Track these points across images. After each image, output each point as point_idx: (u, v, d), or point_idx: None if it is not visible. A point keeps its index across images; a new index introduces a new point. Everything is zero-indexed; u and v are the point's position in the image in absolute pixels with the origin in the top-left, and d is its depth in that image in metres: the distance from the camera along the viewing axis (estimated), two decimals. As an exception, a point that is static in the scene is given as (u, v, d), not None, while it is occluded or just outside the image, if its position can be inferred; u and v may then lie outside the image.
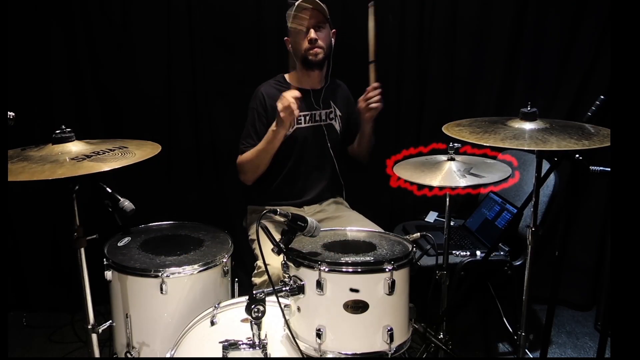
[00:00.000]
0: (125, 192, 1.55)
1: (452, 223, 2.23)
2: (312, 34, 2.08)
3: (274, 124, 2.04)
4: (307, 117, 2.21)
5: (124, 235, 2.01)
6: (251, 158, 2.13)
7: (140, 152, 1.56)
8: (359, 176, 2.45)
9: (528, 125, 1.57)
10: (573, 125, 1.58)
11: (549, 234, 2.47)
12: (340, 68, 2.32)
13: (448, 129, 1.65)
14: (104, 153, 1.52)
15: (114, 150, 1.56)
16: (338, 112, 2.30)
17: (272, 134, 2.05)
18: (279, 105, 1.96)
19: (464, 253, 2.19)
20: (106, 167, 1.42)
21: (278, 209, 1.45)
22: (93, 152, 1.51)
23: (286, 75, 2.26)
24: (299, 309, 1.48)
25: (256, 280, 1.95)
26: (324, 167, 2.29)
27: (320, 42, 2.11)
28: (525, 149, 1.46)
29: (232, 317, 1.60)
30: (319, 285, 1.42)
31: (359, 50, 2.58)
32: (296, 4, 2.07)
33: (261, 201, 2.28)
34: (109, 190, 1.53)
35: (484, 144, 1.49)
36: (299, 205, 2.26)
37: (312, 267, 1.43)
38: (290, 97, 1.94)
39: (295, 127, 2.18)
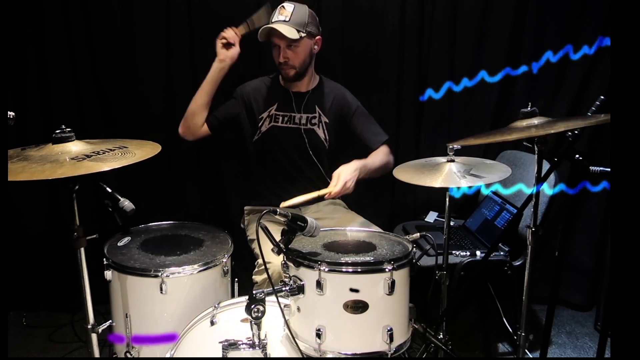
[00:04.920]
0: (125, 192, 1.55)
1: (452, 223, 2.24)
2: (281, 57, 2.11)
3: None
4: (286, 118, 2.20)
5: (124, 235, 2.01)
6: (190, 104, 2.21)
7: (140, 151, 1.56)
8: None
9: (527, 121, 1.57)
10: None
11: (549, 234, 2.46)
12: (338, 68, 2.32)
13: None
14: (104, 153, 1.51)
15: (114, 150, 1.56)
16: (324, 119, 2.22)
17: (210, 72, 2.17)
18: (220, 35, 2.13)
19: (464, 253, 2.19)
20: (106, 167, 1.41)
21: (278, 209, 1.45)
22: (93, 152, 1.51)
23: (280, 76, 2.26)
24: (298, 309, 1.48)
25: (257, 278, 1.96)
26: (307, 172, 2.24)
27: (290, 62, 2.11)
28: (534, 134, 1.45)
29: (232, 317, 1.60)
30: (319, 285, 1.42)
31: (355, 53, 2.61)
32: (274, 18, 2.10)
33: (257, 201, 2.29)
34: (109, 190, 1.53)
35: (492, 141, 1.49)
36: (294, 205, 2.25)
37: (312, 267, 1.43)
38: (229, 33, 2.15)
39: (271, 125, 2.20)
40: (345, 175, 1.95)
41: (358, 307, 1.42)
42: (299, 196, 1.90)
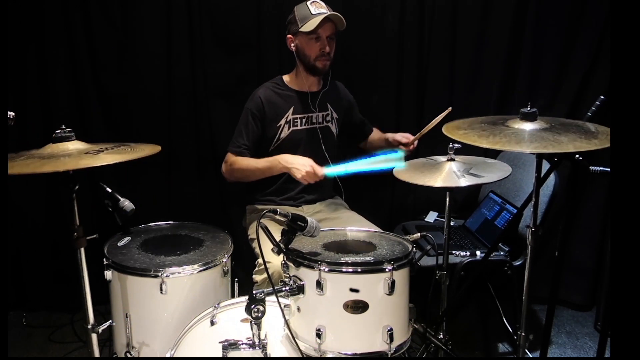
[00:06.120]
0: (125, 192, 1.55)
1: (452, 223, 2.23)
2: (327, 47, 2.10)
3: (285, 163, 2.00)
4: (304, 120, 2.21)
5: (124, 235, 2.01)
6: (244, 168, 2.11)
7: (144, 147, 1.58)
8: (359, 176, 2.45)
9: (530, 126, 1.56)
10: (573, 124, 1.57)
11: (549, 234, 2.46)
12: (338, 69, 2.32)
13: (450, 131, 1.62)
14: (112, 149, 1.53)
15: (119, 147, 1.57)
16: (335, 115, 2.29)
17: (276, 166, 2.03)
18: (308, 170, 1.94)
19: (464, 253, 2.19)
20: (121, 158, 1.41)
21: (278, 209, 1.45)
22: (99, 149, 1.52)
23: (284, 77, 2.25)
24: (298, 309, 1.48)
25: (257, 277, 1.96)
26: None
27: (331, 54, 2.14)
28: (541, 151, 1.43)
29: (232, 317, 1.61)
30: (319, 285, 1.42)
31: (356, 53, 2.61)
32: (314, 10, 2.07)
33: (260, 201, 2.28)
34: (109, 190, 1.54)
35: (497, 148, 1.46)
36: (297, 205, 2.25)
37: (312, 267, 1.43)
38: (321, 174, 1.96)
39: (291, 130, 2.18)
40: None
41: (358, 307, 1.42)
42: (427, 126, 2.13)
